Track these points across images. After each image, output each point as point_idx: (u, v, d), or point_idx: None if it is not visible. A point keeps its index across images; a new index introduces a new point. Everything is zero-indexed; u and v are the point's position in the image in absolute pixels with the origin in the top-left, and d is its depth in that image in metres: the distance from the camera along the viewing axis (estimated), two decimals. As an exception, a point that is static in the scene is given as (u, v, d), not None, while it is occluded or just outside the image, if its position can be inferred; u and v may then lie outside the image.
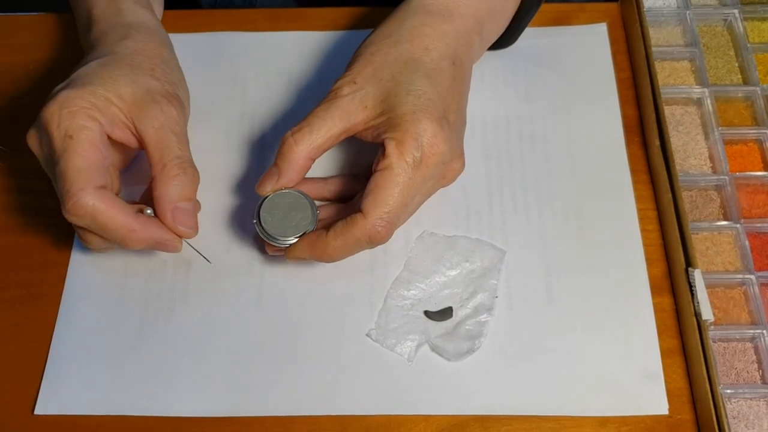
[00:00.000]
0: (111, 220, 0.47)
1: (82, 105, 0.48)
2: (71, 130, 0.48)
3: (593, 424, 0.49)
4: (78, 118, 0.48)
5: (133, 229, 0.48)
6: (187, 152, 0.51)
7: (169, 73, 0.53)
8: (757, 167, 0.59)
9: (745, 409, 0.50)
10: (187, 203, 0.50)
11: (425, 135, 0.48)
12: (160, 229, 0.49)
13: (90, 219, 0.47)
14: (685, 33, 0.65)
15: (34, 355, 0.52)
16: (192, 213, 0.50)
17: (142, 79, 0.51)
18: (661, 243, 0.55)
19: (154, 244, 0.50)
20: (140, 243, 0.49)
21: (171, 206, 0.49)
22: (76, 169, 0.47)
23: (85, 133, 0.48)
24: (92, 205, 0.47)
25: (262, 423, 0.49)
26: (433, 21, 0.52)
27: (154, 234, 0.49)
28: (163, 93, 0.51)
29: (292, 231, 0.50)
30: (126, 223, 0.48)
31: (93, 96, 0.49)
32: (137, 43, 0.53)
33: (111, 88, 0.49)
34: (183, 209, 0.50)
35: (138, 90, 0.50)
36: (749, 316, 0.53)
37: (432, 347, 0.51)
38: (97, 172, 0.48)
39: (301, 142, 0.49)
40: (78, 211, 0.47)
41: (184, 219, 0.50)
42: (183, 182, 0.49)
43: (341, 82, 0.50)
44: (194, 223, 0.51)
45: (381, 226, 0.48)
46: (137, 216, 0.49)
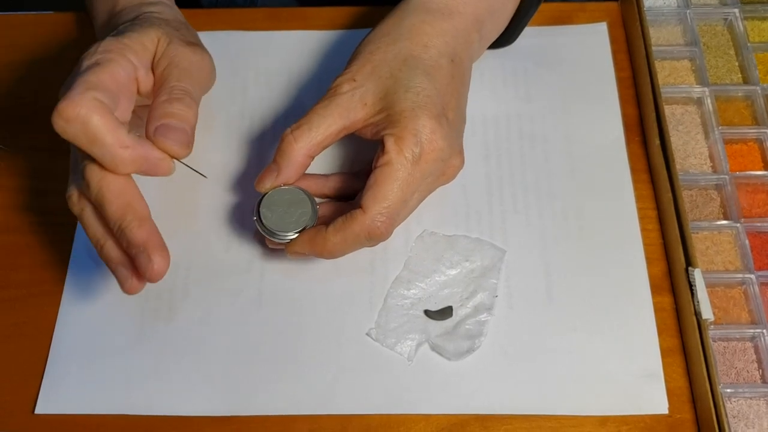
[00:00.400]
0: (102, 132, 0.45)
1: (115, 44, 0.49)
2: (100, 59, 0.48)
3: (593, 424, 0.49)
4: (111, 53, 0.48)
5: (126, 145, 0.45)
6: (188, 85, 0.50)
7: (193, 34, 0.55)
8: (757, 166, 0.59)
9: (745, 408, 0.50)
10: (176, 121, 0.48)
11: (424, 131, 0.48)
12: (152, 147, 0.47)
13: (80, 125, 0.44)
14: (686, 32, 0.65)
15: (35, 354, 0.52)
16: (180, 130, 0.48)
17: (168, 29, 0.52)
18: (661, 242, 0.55)
19: (145, 164, 0.47)
20: (131, 163, 0.46)
21: (157, 122, 0.47)
22: (84, 80, 0.46)
23: (110, 65, 0.47)
24: (85, 111, 0.44)
25: (262, 422, 0.49)
26: (432, 19, 0.52)
27: (146, 151, 0.47)
28: (184, 40, 0.52)
29: (292, 226, 0.50)
30: (119, 137, 0.45)
31: (126, 38, 0.49)
32: (161, 12, 0.54)
33: (144, 33, 0.50)
34: (169, 125, 0.48)
35: (164, 34, 0.51)
36: (749, 315, 0.53)
37: (432, 346, 0.51)
38: (105, 92, 0.46)
39: (300, 140, 0.49)
40: (67, 113, 0.44)
41: (168, 132, 0.47)
42: (171, 103, 0.48)
43: (340, 80, 0.51)
44: (183, 139, 0.48)
45: (380, 222, 0.48)
46: (129, 136, 0.46)
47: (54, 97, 0.61)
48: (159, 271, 0.45)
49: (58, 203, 0.57)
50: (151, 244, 0.46)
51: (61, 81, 0.51)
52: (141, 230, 0.46)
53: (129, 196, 0.47)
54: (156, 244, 0.46)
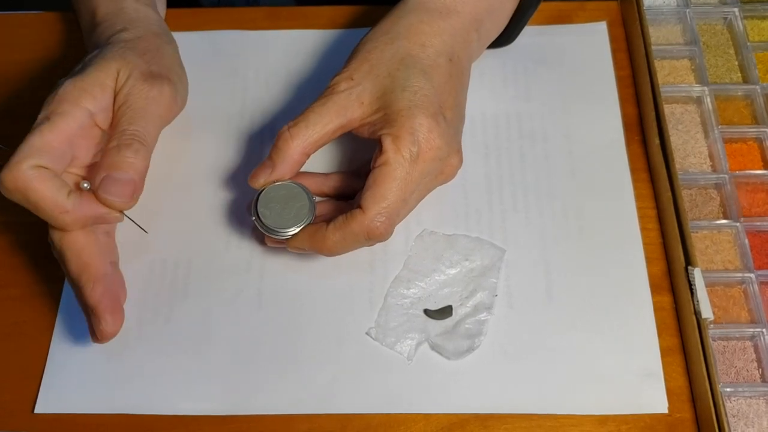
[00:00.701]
0: (42, 200, 0.46)
1: (72, 92, 0.48)
2: (51, 113, 0.47)
3: (593, 423, 0.49)
4: (63, 104, 0.48)
5: (66, 210, 0.46)
6: (140, 128, 0.49)
7: (160, 58, 0.53)
8: (757, 166, 0.59)
9: (744, 407, 0.50)
10: (122, 173, 0.47)
11: (421, 130, 0.48)
12: (95, 204, 0.48)
13: (21, 194, 0.46)
14: (685, 31, 0.65)
15: (34, 353, 0.52)
16: (125, 182, 0.48)
17: (131, 57, 0.51)
18: (660, 241, 0.55)
19: (94, 220, 0.48)
20: (77, 222, 0.47)
21: (102, 174, 0.47)
22: (29, 144, 0.46)
23: (61, 119, 0.47)
24: (22, 182, 0.45)
25: (261, 421, 0.49)
26: (430, 18, 0.52)
27: (90, 210, 0.47)
28: (145, 72, 0.50)
29: (291, 222, 0.50)
30: (57, 203, 0.46)
31: (83, 81, 0.48)
32: (132, 34, 0.53)
33: (103, 69, 0.49)
34: (114, 178, 0.47)
35: (124, 66, 0.50)
36: (749, 314, 0.53)
37: (432, 346, 0.51)
38: (47, 153, 0.46)
39: (297, 137, 0.49)
40: (8, 182, 0.45)
41: (112, 187, 0.47)
42: (120, 151, 0.48)
43: (338, 78, 0.51)
44: (127, 191, 0.48)
45: (380, 222, 0.48)
46: (71, 196, 0.47)
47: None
48: (106, 333, 0.47)
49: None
50: (102, 307, 0.47)
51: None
52: (94, 292, 0.47)
53: (86, 256, 0.48)
54: (106, 307, 0.47)
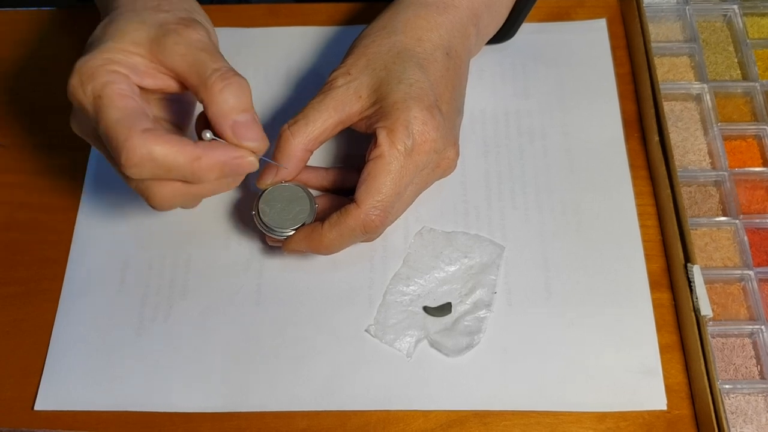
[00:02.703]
0: (170, 156, 0.43)
1: (98, 64, 0.44)
2: (97, 90, 0.44)
3: (592, 420, 0.49)
4: (98, 77, 0.44)
5: (198, 156, 0.43)
6: (224, 63, 0.45)
7: (177, 3, 0.49)
8: (756, 163, 0.59)
9: (743, 404, 0.50)
10: (244, 114, 0.45)
11: (415, 123, 0.48)
12: (227, 148, 0.45)
13: (150, 164, 0.43)
14: (685, 28, 0.65)
15: (34, 351, 0.52)
16: (254, 123, 0.45)
17: (151, 18, 0.47)
18: (660, 239, 0.55)
19: (227, 167, 0.45)
20: (211, 170, 0.44)
21: (229, 122, 0.44)
22: (115, 122, 0.43)
23: (112, 87, 0.44)
24: (146, 149, 0.42)
25: (261, 418, 0.49)
26: (427, 13, 0.52)
27: (222, 155, 0.44)
28: (176, 21, 0.46)
29: (289, 223, 0.50)
30: (188, 152, 0.43)
31: (107, 52, 0.45)
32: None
33: (121, 39, 0.45)
34: (242, 122, 0.45)
35: (150, 29, 0.46)
36: (748, 311, 0.53)
37: (431, 343, 0.51)
38: (137, 117, 0.43)
39: (297, 134, 0.49)
40: (133, 160, 0.42)
41: (247, 132, 0.45)
42: (231, 92, 0.44)
43: (336, 74, 0.51)
44: (260, 133, 0.45)
45: (375, 215, 0.48)
46: (198, 143, 0.44)
47: (53, 94, 0.61)
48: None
49: (57, 199, 0.57)
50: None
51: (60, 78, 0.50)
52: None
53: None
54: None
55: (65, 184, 0.58)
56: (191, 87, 0.45)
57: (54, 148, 0.59)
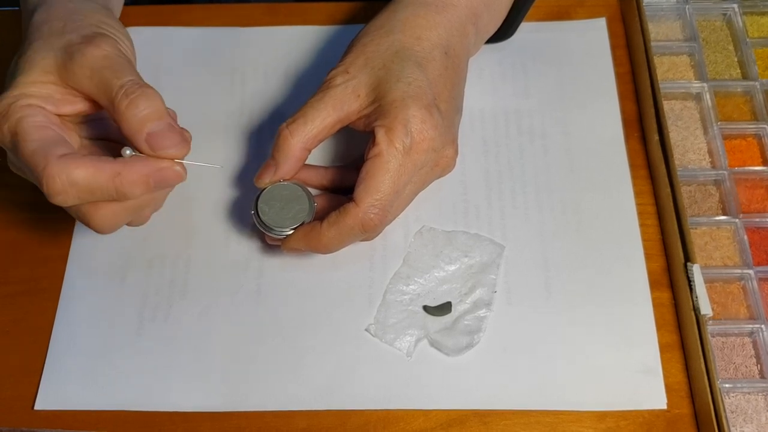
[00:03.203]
0: (89, 177, 0.42)
1: (10, 102, 0.44)
2: (12, 127, 0.44)
3: (592, 419, 0.49)
4: (12, 114, 0.44)
5: (117, 172, 0.43)
6: (129, 77, 0.44)
7: (82, 20, 0.48)
8: (756, 162, 0.59)
9: (743, 403, 0.50)
10: (156, 123, 0.44)
11: (414, 121, 0.48)
12: (147, 161, 0.44)
13: (73, 189, 0.43)
14: (685, 28, 0.65)
15: (34, 350, 0.52)
16: (168, 130, 0.44)
17: (56, 42, 0.46)
18: (659, 238, 0.55)
19: (152, 180, 0.44)
20: (135, 185, 0.44)
21: (143, 135, 0.43)
22: (31, 153, 0.43)
23: (26, 122, 0.44)
24: (64, 174, 0.42)
25: (261, 417, 0.49)
26: (425, 12, 0.52)
27: (143, 168, 0.44)
28: (79, 40, 0.45)
29: (288, 222, 0.50)
30: (107, 171, 0.43)
31: (17, 88, 0.45)
32: (42, 14, 0.49)
33: (31, 71, 0.45)
34: (155, 132, 0.44)
35: (57, 54, 0.45)
36: (748, 311, 0.53)
37: (431, 342, 0.51)
38: (53, 144, 0.43)
39: (296, 134, 0.49)
40: (55, 188, 0.42)
41: (161, 141, 0.44)
42: (139, 105, 0.43)
43: (334, 73, 0.51)
44: (175, 139, 0.44)
45: (373, 213, 0.48)
46: (117, 160, 0.44)
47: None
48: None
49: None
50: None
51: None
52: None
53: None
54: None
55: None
56: (105, 107, 0.45)
57: (54, 148, 0.59)
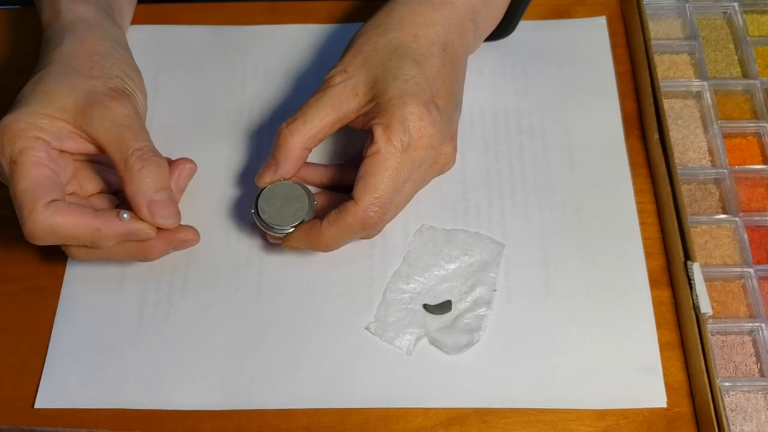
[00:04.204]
0: (70, 228, 0.46)
1: (20, 128, 0.46)
2: (14, 154, 0.46)
3: (592, 417, 0.49)
4: (18, 141, 0.46)
5: (97, 228, 0.46)
6: (146, 142, 0.48)
7: (110, 68, 0.50)
8: (756, 161, 0.59)
9: (743, 402, 0.50)
10: (160, 193, 0.47)
11: (411, 118, 0.48)
12: (128, 221, 0.47)
13: (52, 235, 0.46)
14: (685, 26, 0.65)
15: (34, 349, 0.52)
16: (169, 201, 0.48)
17: (81, 84, 0.48)
18: (659, 236, 0.55)
19: (126, 236, 0.47)
20: (111, 239, 0.47)
21: (144, 201, 0.47)
22: (23, 191, 0.45)
23: (28, 155, 0.46)
24: (47, 222, 0.45)
25: (261, 416, 0.49)
26: (422, 9, 0.52)
27: (122, 228, 0.47)
28: (105, 91, 0.48)
29: (288, 220, 0.50)
30: (87, 225, 0.46)
31: (31, 116, 0.47)
32: (71, 47, 0.50)
33: (49, 103, 0.47)
34: (158, 201, 0.47)
35: (79, 96, 0.48)
36: (747, 309, 0.53)
37: (431, 341, 0.51)
38: (45, 188, 0.45)
39: (295, 133, 0.50)
40: (36, 233, 0.45)
41: (161, 210, 0.47)
42: (150, 173, 0.47)
43: (333, 72, 0.51)
44: (173, 211, 0.48)
45: (373, 212, 0.48)
46: (98, 214, 0.47)
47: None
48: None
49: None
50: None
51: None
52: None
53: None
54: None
55: None
56: (112, 160, 0.47)
57: (54, 146, 0.59)
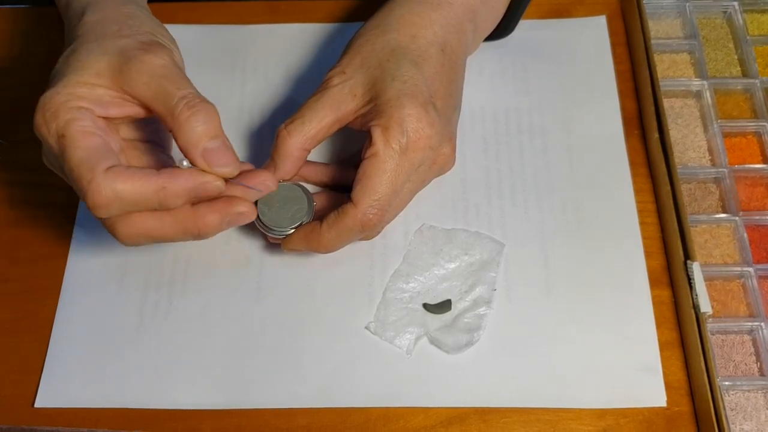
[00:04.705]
0: (135, 191, 0.43)
1: (60, 101, 0.44)
2: (60, 129, 0.44)
3: (591, 417, 0.49)
4: (62, 114, 0.44)
5: (163, 186, 0.43)
6: (190, 89, 0.45)
7: (138, 26, 0.48)
8: (756, 160, 0.59)
9: (743, 401, 0.50)
10: (214, 140, 0.44)
11: (409, 120, 0.48)
12: (190, 173, 0.44)
13: (117, 203, 0.43)
14: (685, 25, 0.65)
15: (34, 348, 0.52)
16: (224, 148, 0.45)
17: (111, 45, 0.46)
18: (659, 236, 0.55)
19: (195, 192, 0.45)
20: (178, 197, 0.44)
21: (199, 149, 0.44)
22: (78, 162, 0.43)
23: (75, 126, 0.44)
24: (110, 189, 0.42)
25: (261, 415, 0.50)
26: (421, 10, 0.52)
27: (186, 182, 0.44)
28: (137, 46, 0.46)
29: (288, 222, 0.50)
30: (151, 185, 0.43)
31: (69, 87, 0.45)
32: (95, 15, 0.49)
33: (84, 71, 0.45)
34: (212, 148, 0.44)
35: (112, 58, 0.45)
36: (747, 308, 0.53)
37: (431, 340, 0.51)
38: (100, 156, 0.43)
39: (294, 134, 0.50)
40: (99, 201, 0.43)
41: (218, 158, 0.44)
42: (199, 120, 0.44)
43: (331, 73, 0.51)
44: (231, 158, 0.45)
45: (372, 214, 0.48)
46: (161, 172, 0.44)
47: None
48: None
49: (57, 196, 0.57)
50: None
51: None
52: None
53: None
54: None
55: (65, 181, 0.57)
56: (158, 115, 0.45)
57: (54, 146, 0.59)
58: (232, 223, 0.47)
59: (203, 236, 0.46)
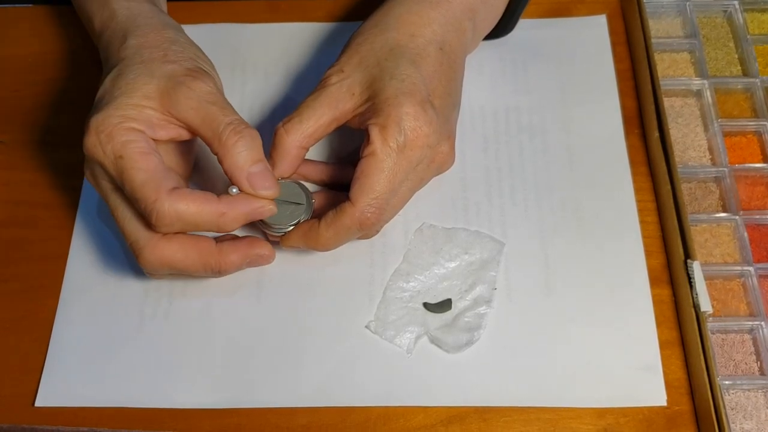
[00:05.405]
0: (198, 215, 0.46)
1: (114, 122, 0.46)
2: (117, 150, 0.46)
3: (591, 416, 0.49)
4: (117, 136, 0.46)
5: (223, 212, 0.46)
6: (235, 116, 0.48)
7: (181, 51, 0.51)
8: (757, 159, 0.59)
9: (743, 400, 0.50)
10: (257, 165, 0.47)
11: (407, 118, 0.48)
12: (247, 200, 0.47)
13: (179, 223, 0.46)
14: (685, 24, 0.65)
15: (34, 347, 0.52)
16: (267, 172, 0.48)
17: (159, 69, 0.48)
18: (660, 235, 0.55)
19: (249, 217, 0.48)
20: (235, 222, 0.47)
21: (244, 174, 0.47)
22: (141, 184, 0.45)
23: (132, 147, 0.46)
24: (173, 210, 0.45)
25: (261, 414, 0.50)
26: (419, 9, 0.52)
27: (244, 207, 0.47)
28: (184, 72, 0.48)
29: (287, 219, 0.50)
30: (213, 210, 0.46)
31: (120, 109, 0.47)
32: (139, 39, 0.51)
33: (134, 94, 0.47)
34: (256, 173, 0.47)
35: (160, 81, 0.48)
36: (748, 307, 0.53)
37: (431, 339, 0.51)
38: (162, 177, 0.46)
39: (291, 132, 0.50)
40: (164, 221, 0.45)
41: (261, 182, 0.47)
42: (245, 145, 0.47)
43: (330, 72, 0.51)
44: (272, 182, 0.48)
45: (370, 213, 0.48)
46: (221, 198, 0.47)
47: (53, 91, 0.61)
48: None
49: (57, 196, 0.57)
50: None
51: (58, 74, 0.50)
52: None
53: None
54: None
55: (65, 180, 0.57)
56: (204, 139, 0.48)
57: (54, 145, 0.59)
58: (252, 264, 0.50)
59: (222, 273, 0.49)
